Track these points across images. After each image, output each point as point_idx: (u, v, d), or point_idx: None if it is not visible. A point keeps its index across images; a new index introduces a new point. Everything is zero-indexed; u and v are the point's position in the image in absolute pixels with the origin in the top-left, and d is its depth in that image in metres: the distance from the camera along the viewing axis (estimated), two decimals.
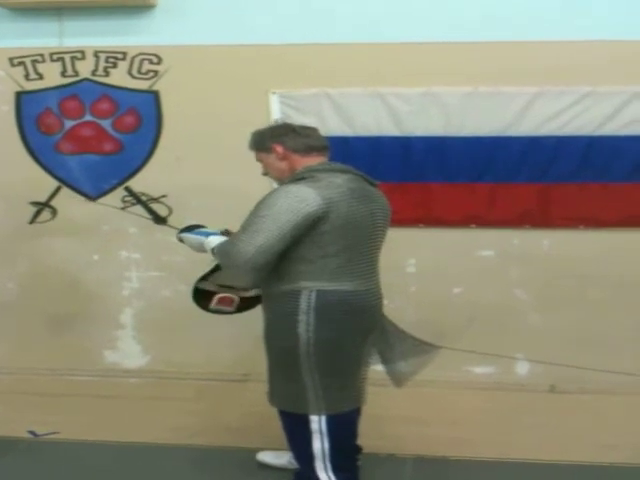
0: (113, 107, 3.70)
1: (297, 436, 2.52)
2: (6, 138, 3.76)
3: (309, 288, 2.38)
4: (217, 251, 2.47)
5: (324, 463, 2.48)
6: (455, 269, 3.66)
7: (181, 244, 2.75)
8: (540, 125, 3.52)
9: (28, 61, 3.71)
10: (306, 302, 2.38)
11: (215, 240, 2.52)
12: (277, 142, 2.53)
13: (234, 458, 2.89)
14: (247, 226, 2.36)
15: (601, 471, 2.80)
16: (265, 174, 2.66)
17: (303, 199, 2.31)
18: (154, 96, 3.67)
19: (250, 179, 3.58)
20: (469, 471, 2.84)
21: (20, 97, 3.74)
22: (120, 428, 3.20)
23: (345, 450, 2.53)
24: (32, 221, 3.83)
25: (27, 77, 3.72)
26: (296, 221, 2.30)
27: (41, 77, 3.71)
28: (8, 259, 3.90)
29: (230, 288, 2.67)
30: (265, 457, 2.86)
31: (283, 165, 2.53)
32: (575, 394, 3.53)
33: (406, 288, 3.68)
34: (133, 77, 3.67)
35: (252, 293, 2.67)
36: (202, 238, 2.59)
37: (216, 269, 2.69)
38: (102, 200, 3.74)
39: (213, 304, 2.68)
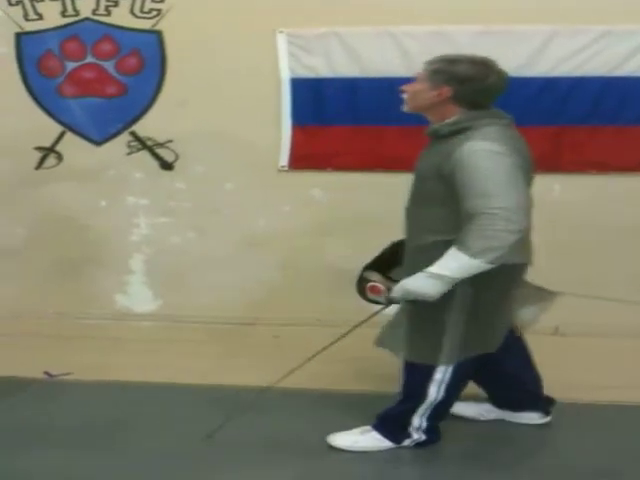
0: (115, 48, 3.61)
1: (416, 382, 2.48)
2: (7, 81, 3.68)
3: None
4: (478, 255, 2.12)
5: (426, 410, 2.50)
6: None
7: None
8: (554, 66, 3.43)
9: (27, 0, 3.59)
10: None
11: (446, 265, 2.19)
12: (449, 84, 2.31)
13: (245, 397, 2.90)
14: (491, 195, 2.11)
15: (601, 410, 2.88)
16: (404, 91, 2.44)
17: (502, 151, 2.18)
18: (157, 36, 3.57)
19: (256, 123, 3.58)
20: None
21: (20, 38, 3.63)
22: (133, 369, 3.25)
23: (450, 404, 2.57)
24: (38, 167, 3.79)
25: (26, 17, 3.61)
26: (514, 162, 2.18)
27: (41, 17, 3.60)
28: (16, 205, 3.88)
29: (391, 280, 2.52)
30: (461, 409, 2.77)
31: (430, 104, 2.35)
32: (578, 337, 3.56)
33: None
34: (135, 16, 3.56)
35: None
36: (431, 273, 2.22)
37: (383, 258, 2.60)
38: (107, 145, 3.70)
39: (367, 293, 2.57)
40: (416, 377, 2.49)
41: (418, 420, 2.54)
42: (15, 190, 3.84)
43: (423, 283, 2.23)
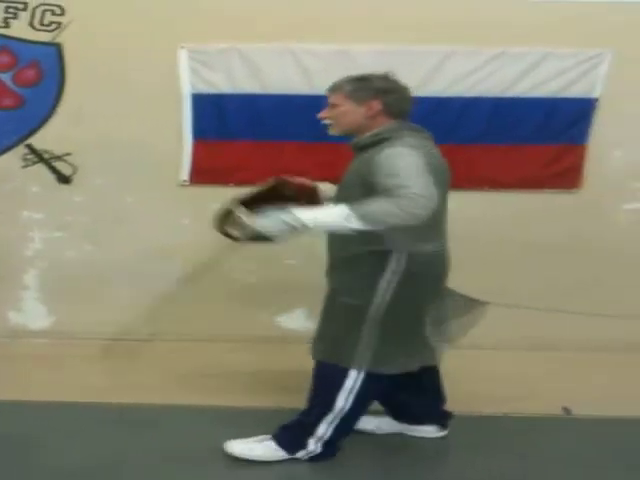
0: (13, 60, 3.55)
1: (325, 389, 2.49)
2: None
3: (399, 250, 2.34)
4: (367, 217, 2.16)
5: (334, 419, 2.49)
6: None
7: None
8: (449, 86, 3.52)
9: None
10: (396, 263, 2.34)
11: (317, 213, 2.24)
12: (377, 98, 2.39)
13: (143, 415, 2.92)
14: (404, 179, 2.15)
15: (503, 421, 2.95)
16: (324, 118, 2.48)
17: (416, 154, 2.25)
18: (57, 49, 3.53)
19: (158, 135, 3.55)
20: None
21: None
22: (27, 387, 3.17)
23: (356, 418, 2.56)
24: None
25: None
26: (429, 163, 2.26)
27: None
28: None
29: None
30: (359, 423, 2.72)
31: (362, 120, 2.41)
32: (481, 349, 3.53)
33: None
34: (35, 29, 3.52)
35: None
36: (293, 216, 2.21)
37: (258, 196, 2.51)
38: (2, 158, 3.61)
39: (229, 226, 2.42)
40: (326, 383, 2.49)
41: (323, 429, 2.51)
42: None
43: (276, 225, 2.21)
